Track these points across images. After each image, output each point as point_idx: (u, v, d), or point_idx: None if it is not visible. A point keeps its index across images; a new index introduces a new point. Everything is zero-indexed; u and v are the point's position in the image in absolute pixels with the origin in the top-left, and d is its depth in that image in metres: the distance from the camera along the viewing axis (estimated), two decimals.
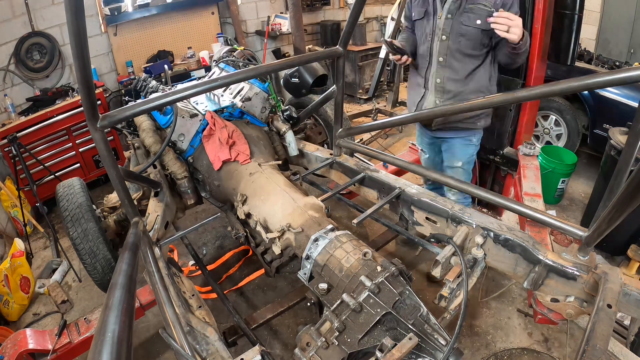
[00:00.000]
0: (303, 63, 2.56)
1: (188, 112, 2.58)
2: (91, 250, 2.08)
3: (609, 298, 1.28)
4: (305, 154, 2.84)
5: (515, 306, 2.60)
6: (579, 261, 1.56)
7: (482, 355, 2.29)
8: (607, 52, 5.39)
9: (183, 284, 1.85)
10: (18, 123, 3.74)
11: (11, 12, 3.97)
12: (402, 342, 1.23)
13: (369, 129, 2.79)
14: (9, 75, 4.09)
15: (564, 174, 3.55)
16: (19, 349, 1.81)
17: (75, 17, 1.11)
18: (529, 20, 2.50)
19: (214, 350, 1.44)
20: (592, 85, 1.56)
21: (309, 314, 2.56)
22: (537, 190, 2.24)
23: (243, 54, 3.30)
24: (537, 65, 2.62)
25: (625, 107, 3.56)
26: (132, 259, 1.42)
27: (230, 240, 3.41)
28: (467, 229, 1.81)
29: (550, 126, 4.22)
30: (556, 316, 1.66)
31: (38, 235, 3.82)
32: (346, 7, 6.94)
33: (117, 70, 5.00)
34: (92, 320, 1.97)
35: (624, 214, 1.23)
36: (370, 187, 2.37)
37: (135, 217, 1.85)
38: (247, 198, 2.14)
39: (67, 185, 2.26)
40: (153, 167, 2.47)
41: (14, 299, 2.83)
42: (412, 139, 3.89)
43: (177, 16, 5.33)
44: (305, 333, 1.35)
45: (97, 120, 1.47)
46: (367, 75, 6.41)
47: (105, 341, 0.89)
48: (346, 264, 1.57)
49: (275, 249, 1.91)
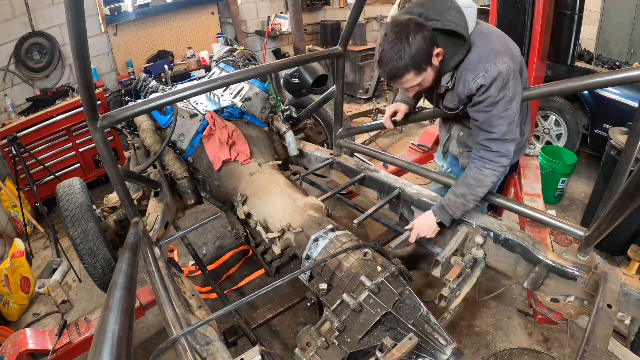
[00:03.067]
0: (303, 63, 2.56)
1: (188, 112, 2.58)
2: (91, 250, 2.08)
3: (609, 298, 1.28)
4: (305, 154, 2.84)
5: (515, 306, 2.59)
6: (579, 261, 1.56)
7: (482, 355, 2.29)
8: (607, 52, 5.39)
9: (183, 284, 1.85)
10: (18, 123, 3.74)
11: (11, 12, 3.97)
12: (402, 342, 1.24)
13: (369, 129, 2.79)
14: (9, 75, 4.09)
15: (564, 174, 3.55)
16: (19, 349, 1.81)
17: (75, 17, 1.11)
18: (529, 20, 2.50)
19: (214, 350, 1.44)
20: (592, 85, 1.56)
21: (309, 314, 2.55)
22: (537, 190, 2.23)
23: (243, 54, 3.30)
24: (537, 65, 2.62)
25: (625, 107, 3.56)
26: (132, 259, 1.42)
27: (230, 240, 3.40)
28: (467, 229, 1.81)
29: (550, 126, 4.22)
30: (556, 316, 1.66)
31: (38, 235, 3.82)
32: (346, 7, 6.94)
33: (117, 70, 5.00)
34: (92, 320, 1.97)
35: (624, 214, 1.23)
36: (370, 187, 2.37)
37: (135, 217, 1.85)
38: (247, 198, 2.14)
39: (67, 185, 2.26)
40: (153, 167, 2.47)
41: (14, 299, 2.83)
42: (412, 139, 3.89)
43: (177, 16, 5.33)
44: (305, 333, 1.35)
45: (97, 120, 1.47)
46: (367, 75, 6.40)
47: (105, 341, 0.89)
48: (346, 264, 1.57)
49: (275, 249, 1.91)
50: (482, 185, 1.68)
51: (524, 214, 1.82)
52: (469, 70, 1.51)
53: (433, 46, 1.45)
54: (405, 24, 1.42)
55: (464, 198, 1.72)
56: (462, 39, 1.48)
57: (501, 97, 1.49)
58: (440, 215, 1.79)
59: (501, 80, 1.47)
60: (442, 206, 1.78)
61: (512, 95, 1.51)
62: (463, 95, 1.59)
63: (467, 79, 1.51)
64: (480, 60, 1.48)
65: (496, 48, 1.51)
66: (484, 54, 1.49)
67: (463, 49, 1.49)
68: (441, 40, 1.48)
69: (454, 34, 1.47)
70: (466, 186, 1.71)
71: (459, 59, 1.51)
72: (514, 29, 2.61)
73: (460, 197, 1.72)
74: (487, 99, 1.51)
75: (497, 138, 1.57)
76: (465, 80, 1.53)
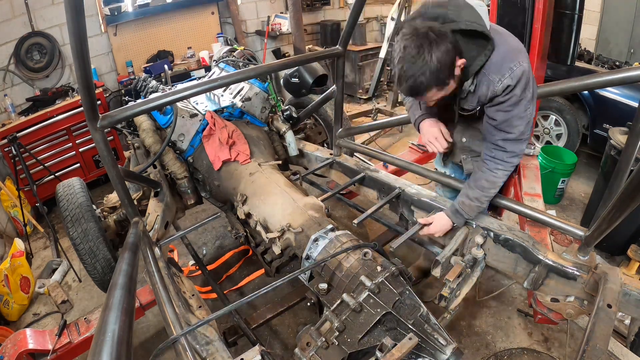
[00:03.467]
0: (303, 63, 2.56)
1: (188, 112, 2.58)
2: (91, 250, 2.08)
3: (609, 298, 1.28)
4: (305, 154, 2.84)
5: (515, 306, 2.59)
6: (579, 261, 1.56)
7: (482, 355, 2.29)
8: (607, 52, 5.39)
9: (183, 284, 1.85)
10: (18, 123, 3.74)
11: (11, 12, 3.97)
12: (402, 342, 1.24)
13: (369, 129, 2.79)
14: (9, 75, 4.09)
15: (564, 174, 3.55)
16: (19, 349, 1.81)
17: (75, 17, 1.11)
18: (529, 20, 2.50)
19: (214, 350, 1.44)
20: (592, 85, 1.57)
21: (309, 314, 2.56)
22: (537, 190, 2.23)
23: (243, 54, 3.30)
24: (537, 65, 2.62)
25: (625, 107, 3.56)
26: (132, 259, 1.42)
27: (230, 240, 3.41)
28: (467, 229, 1.82)
29: (550, 126, 4.22)
30: (556, 316, 1.66)
31: (38, 235, 3.82)
32: (346, 7, 6.94)
33: (117, 70, 5.00)
34: (92, 320, 1.97)
35: (624, 214, 1.23)
36: (370, 187, 2.37)
37: (135, 217, 1.85)
38: (247, 198, 2.14)
39: (67, 185, 2.26)
40: (153, 167, 2.47)
41: (14, 299, 2.83)
42: (412, 139, 3.90)
43: (177, 16, 5.33)
44: (305, 333, 1.35)
45: (97, 120, 1.47)
46: (367, 75, 6.40)
47: (105, 341, 0.89)
48: (346, 264, 1.57)
49: (275, 249, 1.91)
50: (495, 186, 1.68)
51: (524, 214, 1.82)
52: (494, 72, 1.44)
53: (455, 57, 1.37)
54: (425, 34, 1.31)
55: (478, 201, 1.72)
56: (485, 39, 1.40)
57: (524, 97, 1.46)
58: (455, 219, 1.79)
59: (525, 79, 1.43)
60: (456, 210, 1.77)
61: (532, 95, 1.48)
62: (485, 97, 1.52)
63: (492, 80, 1.44)
64: (504, 60, 1.42)
65: (516, 46, 1.46)
66: (506, 53, 1.42)
67: (486, 50, 1.41)
68: (462, 42, 1.39)
69: (475, 34, 1.38)
70: (480, 189, 1.69)
71: (481, 61, 1.43)
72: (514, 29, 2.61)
73: (475, 201, 1.72)
74: (511, 99, 1.46)
75: (514, 138, 1.54)
76: (489, 81, 1.46)
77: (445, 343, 1.31)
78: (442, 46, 1.31)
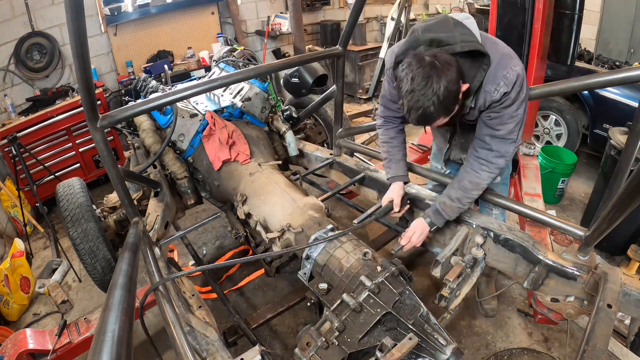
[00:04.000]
0: (303, 63, 2.56)
1: (188, 112, 2.58)
2: (91, 250, 2.08)
3: (609, 298, 1.28)
4: (305, 154, 2.84)
5: (515, 306, 2.59)
6: (579, 261, 1.56)
7: (482, 355, 2.29)
8: (607, 52, 5.39)
9: (183, 284, 1.85)
10: (18, 123, 3.74)
11: (11, 12, 3.97)
12: (402, 342, 1.24)
13: (369, 129, 2.79)
14: (9, 75, 4.08)
15: (564, 174, 3.55)
16: (19, 349, 1.81)
17: (75, 17, 1.11)
18: (529, 20, 2.50)
19: (214, 350, 1.44)
20: (592, 85, 1.57)
21: (309, 314, 2.55)
22: (537, 190, 2.24)
23: (243, 54, 3.30)
24: (537, 65, 2.62)
25: (625, 107, 3.56)
26: (132, 259, 1.42)
27: (230, 240, 3.40)
28: (467, 229, 1.81)
29: (550, 126, 4.22)
30: (556, 316, 1.66)
31: (38, 235, 3.82)
32: (346, 7, 6.94)
33: (117, 70, 5.00)
34: (92, 320, 1.97)
35: (624, 214, 1.23)
36: (370, 187, 2.37)
37: (135, 217, 1.85)
38: (247, 198, 2.14)
39: (67, 185, 2.26)
40: (153, 167, 2.47)
41: (14, 299, 2.83)
42: (412, 139, 3.89)
43: (177, 16, 5.33)
44: (305, 333, 1.35)
45: (97, 120, 1.47)
46: (367, 75, 6.40)
47: (105, 341, 0.89)
48: (346, 264, 1.57)
49: (275, 249, 1.91)
50: (478, 188, 1.68)
51: (524, 214, 1.82)
52: (490, 82, 1.46)
53: (460, 84, 1.38)
54: (431, 63, 1.30)
55: (459, 202, 1.72)
56: (482, 55, 1.42)
57: (517, 99, 1.48)
58: (435, 219, 1.79)
59: (519, 82, 1.45)
60: (437, 210, 1.77)
61: (525, 96, 1.50)
62: (483, 107, 1.54)
63: (489, 91, 1.47)
64: (497, 68, 1.44)
65: (507, 52, 1.47)
66: (499, 62, 1.44)
67: (484, 65, 1.43)
68: (461, 63, 1.40)
69: (471, 52, 1.40)
70: (462, 190, 1.70)
71: (480, 78, 1.45)
72: (514, 29, 2.61)
73: (456, 202, 1.72)
74: (505, 101, 1.48)
75: (501, 136, 1.56)
76: (486, 92, 1.48)
77: (445, 343, 1.31)
78: (449, 75, 1.31)
